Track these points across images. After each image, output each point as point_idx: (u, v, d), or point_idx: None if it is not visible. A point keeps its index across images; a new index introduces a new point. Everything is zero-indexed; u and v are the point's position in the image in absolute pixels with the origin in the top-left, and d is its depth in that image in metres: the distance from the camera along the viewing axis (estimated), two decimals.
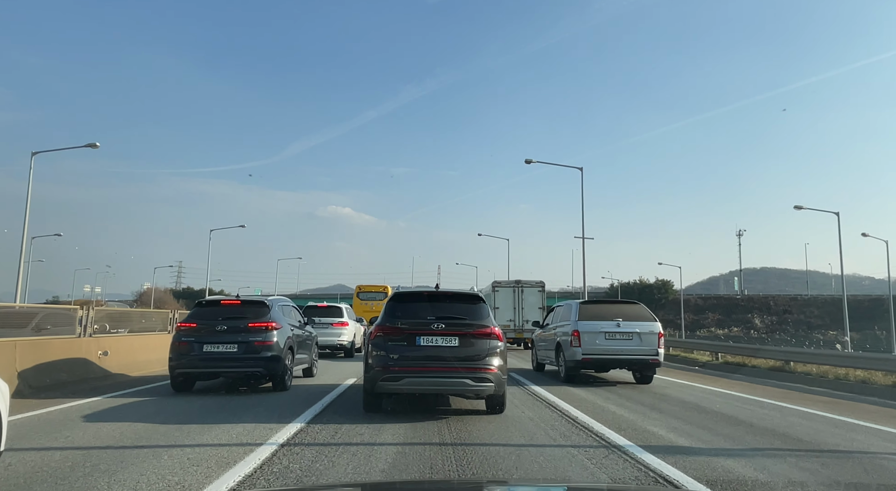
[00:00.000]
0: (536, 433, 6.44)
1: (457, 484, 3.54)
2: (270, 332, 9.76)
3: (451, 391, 7.42)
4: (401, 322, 7.23)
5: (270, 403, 8.53)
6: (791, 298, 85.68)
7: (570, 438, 6.17)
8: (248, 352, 9.51)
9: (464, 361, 7.01)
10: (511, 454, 5.40)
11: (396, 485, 3.80)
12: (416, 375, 6.95)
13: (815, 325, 74.06)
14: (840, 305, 75.26)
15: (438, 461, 5.04)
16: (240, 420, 6.93)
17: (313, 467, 4.75)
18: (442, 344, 7.05)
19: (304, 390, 9.90)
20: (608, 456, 5.36)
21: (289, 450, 5.40)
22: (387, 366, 6.98)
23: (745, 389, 12.04)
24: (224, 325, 9.66)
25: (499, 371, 7.12)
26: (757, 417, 8.06)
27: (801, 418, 8.04)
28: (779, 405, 9.45)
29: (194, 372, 9.62)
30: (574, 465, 5.01)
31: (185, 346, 9.52)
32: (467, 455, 5.27)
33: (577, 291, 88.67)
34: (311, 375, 12.20)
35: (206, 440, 5.78)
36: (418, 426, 6.64)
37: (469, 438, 6.05)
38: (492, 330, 7.26)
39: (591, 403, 8.99)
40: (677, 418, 7.73)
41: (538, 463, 5.06)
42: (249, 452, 5.25)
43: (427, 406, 8.13)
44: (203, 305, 10.37)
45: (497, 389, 7.17)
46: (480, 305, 7.61)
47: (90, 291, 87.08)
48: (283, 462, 4.92)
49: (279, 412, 7.53)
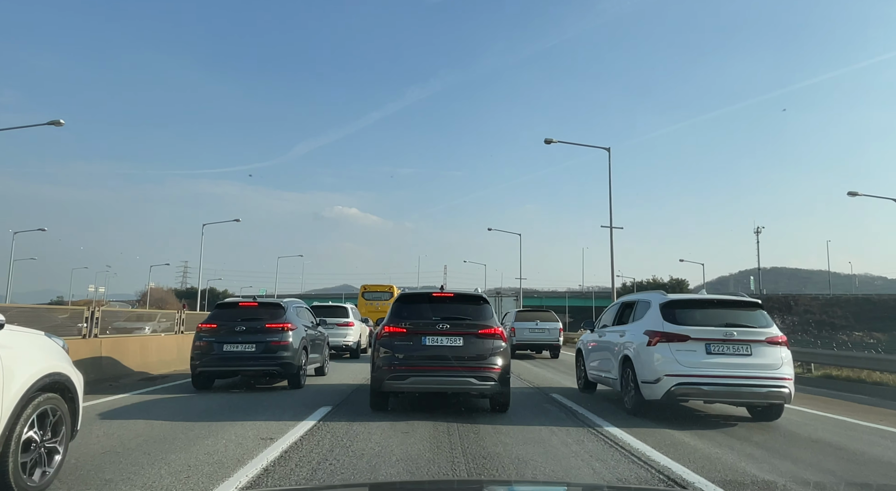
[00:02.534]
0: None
1: (457, 484, 3.57)
2: (286, 332, 10.21)
3: (456, 390, 7.57)
4: (406, 322, 7.42)
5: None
6: (812, 297, 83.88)
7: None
8: (265, 351, 9.96)
9: (468, 360, 7.20)
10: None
11: (396, 485, 3.86)
12: (422, 374, 7.17)
13: (839, 326, 72.26)
14: (864, 305, 74.14)
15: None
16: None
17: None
18: (447, 344, 7.25)
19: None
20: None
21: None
22: (393, 365, 7.21)
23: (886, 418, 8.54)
24: (242, 326, 10.13)
25: (502, 370, 7.30)
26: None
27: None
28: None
29: (215, 371, 10.05)
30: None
31: (205, 345, 9.98)
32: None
33: (588, 291, 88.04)
34: (323, 374, 12.61)
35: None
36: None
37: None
38: (495, 330, 7.43)
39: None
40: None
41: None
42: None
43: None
44: (222, 306, 10.84)
45: (500, 387, 7.34)
46: (484, 306, 7.77)
47: (94, 290, 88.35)
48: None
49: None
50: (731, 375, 7.28)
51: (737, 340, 7.41)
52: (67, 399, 4.28)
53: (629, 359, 8.09)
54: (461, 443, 5.91)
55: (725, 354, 7.40)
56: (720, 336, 7.43)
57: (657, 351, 7.55)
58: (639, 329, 8.14)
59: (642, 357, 7.75)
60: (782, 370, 7.39)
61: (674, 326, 7.62)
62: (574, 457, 5.42)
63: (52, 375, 4.08)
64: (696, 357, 7.37)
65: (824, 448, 6.25)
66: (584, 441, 6.13)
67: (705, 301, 8.21)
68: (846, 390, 12.65)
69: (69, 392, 4.30)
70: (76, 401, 4.37)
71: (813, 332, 69.72)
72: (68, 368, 4.33)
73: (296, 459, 5.12)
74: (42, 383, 3.94)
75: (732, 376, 7.27)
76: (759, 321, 7.79)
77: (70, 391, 4.31)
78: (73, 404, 4.34)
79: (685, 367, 7.34)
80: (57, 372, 4.15)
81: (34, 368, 3.89)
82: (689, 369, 7.32)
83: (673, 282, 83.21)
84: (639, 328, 8.16)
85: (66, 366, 4.32)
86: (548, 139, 29.37)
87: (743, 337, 7.44)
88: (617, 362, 8.62)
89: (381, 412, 7.57)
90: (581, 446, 5.87)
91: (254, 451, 5.43)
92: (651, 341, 7.67)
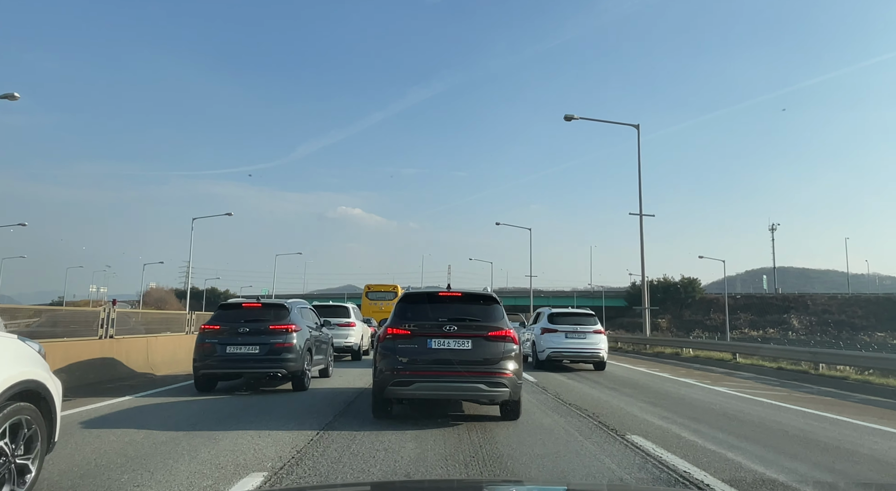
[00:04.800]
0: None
1: (457, 484, 3.50)
2: (290, 334, 9.98)
3: (464, 396, 7.13)
4: (411, 324, 6.92)
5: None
6: (829, 296, 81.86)
7: None
8: (269, 353, 9.71)
9: (477, 364, 6.70)
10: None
11: (396, 485, 3.76)
12: (427, 379, 6.65)
13: (859, 326, 70.00)
14: (885, 305, 72.12)
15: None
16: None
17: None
18: (454, 347, 6.71)
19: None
20: None
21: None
22: (396, 370, 6.69)
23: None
24: (246, 327, 9.89)
25: (514, 375, 6.79)
26: None
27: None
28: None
29: (218, 372, 9.83)
30: None
31: (208, 347, 9.73)
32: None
33: (597, 291, 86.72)
34: (328, 376, 12.37)
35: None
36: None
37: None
38: (507, 332, 6.91)
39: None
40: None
41: None
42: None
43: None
44: (225, 307, 10.59)
45: (512, 394, 6.83)
46: (495, 306, 7.27)
47: (95, 290, 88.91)
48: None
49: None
50: (577, 348, 15.91)
51: (579, 331, 15.92)
52: (43, 409, 3.94)
53: (534, 341, 16.54)
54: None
55: (574, 338, 15.88)
56: (572, 329, 15.88)
57: (544, 337, 16.05)
58: (538, 326, 16.65)
59: (538, 340, 16.24)
60: (600, 346, 15.96)
61: (552, 324, 16.12)
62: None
63: (25, 383, 3.74)
64: (560, 339, 15.86)
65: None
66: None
67: (569, 313, 17.03)
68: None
69: (45, 401, 3.96)
70: (53, 411, 4.04)
71: (832, 332, 68.11)
72: (44, 375, 4.00)
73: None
74: (13, 392, 3.61)
75: (577, 349, 15.92)
76: (592, 322, 16.33)
77: (46, 400, 3.97)
78: (49, 415, 4.00)
79: (556, 345, 15.87)
80: (31, 379, 3.82)
81: (3, 375, 3.56)
82: (557, 346, 15.86)
83: (685, 281, 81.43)
84: (538, 326, 16.71)
85: (41, 372, 3.98)
86: (568, 115, 27.47)
87: (582, 330, 15.96)
88: (530, 343, 17.01)
89: (385, 420, 7.17)
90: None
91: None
92: (542, 332, 16.15)
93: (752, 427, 7.50)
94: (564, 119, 27.40)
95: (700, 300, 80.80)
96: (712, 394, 11.40)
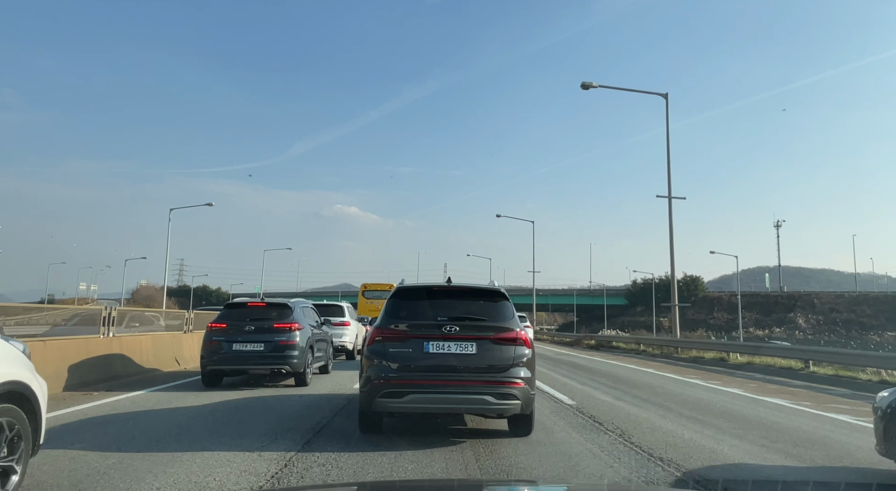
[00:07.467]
0: None
1: (457, 484, 3.41)
2: (293, 332, 10.37)
3: (468, 410, 6.11)
4: (404, 324, 5.87)
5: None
6: (837, 295, 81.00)
7: None
8: (273, 350, 10.12)
9: (483, 372, 5.71)
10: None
11: (396, 485, 3.73)
12: (424, 389, 5.62)
13: (868, 325, 68.85)
14: (895, 303, 71.06)
15: None
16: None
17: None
18: (456, 351, 5.71)
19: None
20: None
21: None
22: (387, 378, 5.63)
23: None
24: (251, 325, 10.32)
25: (526, 385, 5.79)
26: None
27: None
28: None
29: (224, 369, 10.22)
30: None
31: (215, 344, 10.12)
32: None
33: (598, 289, 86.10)
34: (327, 372, 12.64)
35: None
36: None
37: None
38: (517, 334, 5.90)
39: None
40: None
41: None
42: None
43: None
44: (231, 306, 11.05)
45: (524, 407, 5.79)
46: (503, 303, 6.18)
47: (86, 288, 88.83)
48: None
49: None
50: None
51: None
52: (27, 411, 3.75)
53: None
54: None
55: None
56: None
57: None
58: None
59: None
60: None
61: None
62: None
63: (8, 384, 3.56)
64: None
65: None
66: None
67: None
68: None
69: (29, 403, 3.77)
70: (38, 413, 3.85)
71: (840, 332, 67.45)
72: (28, 376, 3.79)
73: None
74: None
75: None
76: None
77: (30, 402, 3.78)
78: (33, 417, 3.81)
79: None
80: (15, 381, 3.63)
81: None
82: None
83: (687, 279, 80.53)
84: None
85: (25, 373, 3.77)
86: (585, 83, 23.82)
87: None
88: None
89: (374, 436, 6.09)
90: None
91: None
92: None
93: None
94: (581, 87, 23.91)
95: (703, 299, 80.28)
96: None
